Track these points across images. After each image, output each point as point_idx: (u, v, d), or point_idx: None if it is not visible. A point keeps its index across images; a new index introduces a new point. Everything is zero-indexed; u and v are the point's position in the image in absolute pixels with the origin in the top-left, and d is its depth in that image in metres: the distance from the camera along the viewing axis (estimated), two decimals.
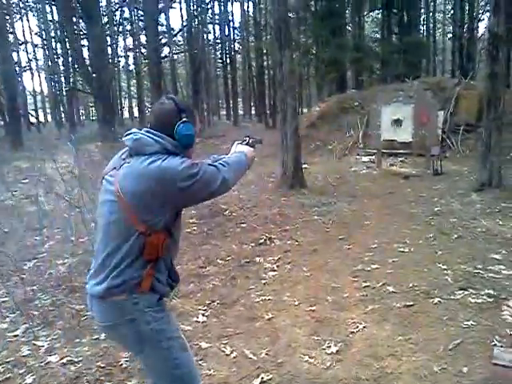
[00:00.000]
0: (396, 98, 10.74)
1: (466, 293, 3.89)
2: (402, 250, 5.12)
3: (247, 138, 2.25)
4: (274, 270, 4.76)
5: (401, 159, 11.81)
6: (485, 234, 5.44)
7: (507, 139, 8.55)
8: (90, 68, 20.71)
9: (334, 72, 17.48)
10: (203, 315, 3.81)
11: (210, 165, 1.89)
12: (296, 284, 4.37)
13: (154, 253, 1.79)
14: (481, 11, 26.47)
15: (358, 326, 3.47)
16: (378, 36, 27.53)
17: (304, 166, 11.49)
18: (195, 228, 6.33)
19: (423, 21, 30.96)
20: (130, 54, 36.74)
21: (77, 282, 4.41)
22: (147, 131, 1.86)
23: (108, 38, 30.61)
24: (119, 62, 37.83)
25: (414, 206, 7.03)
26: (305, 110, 24.11)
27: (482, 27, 31.91)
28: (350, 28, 24.57)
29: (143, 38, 28.13)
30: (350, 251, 5.23)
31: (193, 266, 4.87)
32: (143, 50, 30.67)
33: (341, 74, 20.19)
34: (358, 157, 12.56)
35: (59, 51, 32.32)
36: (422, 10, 28.87)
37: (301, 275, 4.58)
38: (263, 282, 4.48)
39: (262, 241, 5.69)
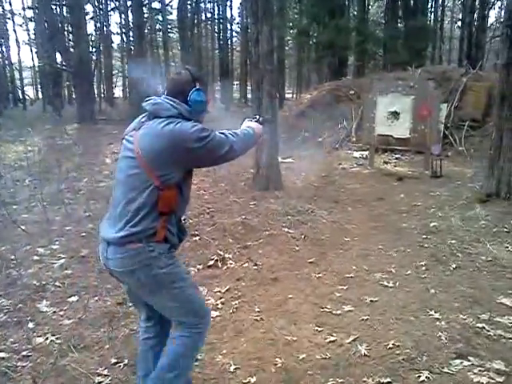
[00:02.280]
0: (394, 87, 9.62)
1: (466, 364, 2.85)
2: (384, 283, 4.08)
3: (257, 116, 2.49)
4: (217, 309, 3.71)
5: (396, 156, 10.79)
6: (491, 264, 4.40)
7: None
8: (68, 42, 19.51)
9: (330, 56, 16.26)
10: None
11: (220, 133, 2.13)
12: (238, 335, 3.32)
13: (167, 206, 2.05)
14: None
15: None
16: (382, 20, 26.28)
17: (288, 160, 10.49)
18: None
19: (431, 7, 29.73)
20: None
21: None
22: (165, 97, 2.13)
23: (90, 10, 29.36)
24: (111, 39, 36.32)
25: (406, 219, 5.99)
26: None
27: (492, 16, 30.74)
28: (355, 12, 23.40)
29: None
30: (319, 282, 4.18)
31: (109, 301, 3.82)
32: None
33: (340, 60, 19.01)
34: (349, 151, 11.54)
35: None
36: None
37: (248, 319, 3.53)
38: None
39: (212, 262, 4.63)
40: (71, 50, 18.84)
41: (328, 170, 9.51)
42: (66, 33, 22.01)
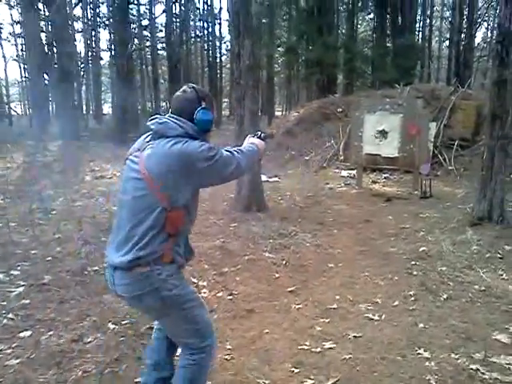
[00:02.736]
0: (382, 105, 9.41)
1: None
2: (370, 315, 3.76)
3: (259, 132, 2.55)
4: None
5: (385, 175, 10.57)
6: (484, 294, 4.11)
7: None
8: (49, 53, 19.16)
9: (318, 74, 16.11)
10: None
11: (226, 150, 2.16)
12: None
13: (174, 227, 2.03)
14: (480, 17, 25.39)
15: None
16: (371, 38, 26.34)
17: (273, 179, 10.22)
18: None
19: (419, 26, 29.95)
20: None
21: None
22: (170, 116, 2.11)
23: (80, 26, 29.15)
24: (100, 56, 36.03)
25: (394, 243, 5.69)
26: None
27: (479, 36, 31.07)
28: (344, 30, 23.41)
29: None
30: (299, 313, 3.85)
31: (64, 337, 3.45)
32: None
33: (328, 77, 18.91)
34: (337, 170, 11.29)
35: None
36: (419, 13, 27.77)
37: (218, 358, 3.18)
38: None
39: None
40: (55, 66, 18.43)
41: (314, 189, 9.23)
42: (50, 48, 21.65)
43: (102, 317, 3.74)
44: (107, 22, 30.00)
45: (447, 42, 32.58)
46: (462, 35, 24.01)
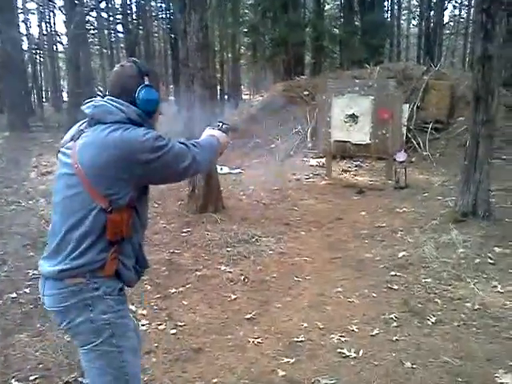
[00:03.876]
0: (351, 87, 8.72)
1: None
2: (344, 351, 3.09)
3: (220, 124, 2.12)
4: None
5: (356, 163, 9.97)
6: (479, 315, 3.48)
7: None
8: None
9: (283, 54, 15.31)
10: None
11: (179, 142, 1.78)
12: None
13: (117, 232, 1.69)
14: None
15: None
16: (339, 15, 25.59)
17: (236, 171, 9.49)
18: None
19: (388, 3, 29.39)
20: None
21: None
22: (109, 99, 1.76)
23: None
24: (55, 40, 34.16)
25: (370, 247, 5.05)
26: None
27: (446, 15, 30.75)
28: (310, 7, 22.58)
29: None
30: (257, 351, 3.15)
31: None
32: None
33: (295, 58, 18.12)
34: (305, 159, 10.61)
35: None
36: None
37: None
38: None
39: None
40: None
41: (280, 182, 8.51)
42: None
43: (3, 371, 2.96)
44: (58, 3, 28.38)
45: (416, 22, 32.17)
46: (432, 12, 23.60)
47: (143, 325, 3.50)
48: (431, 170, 8.99)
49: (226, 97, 27.69)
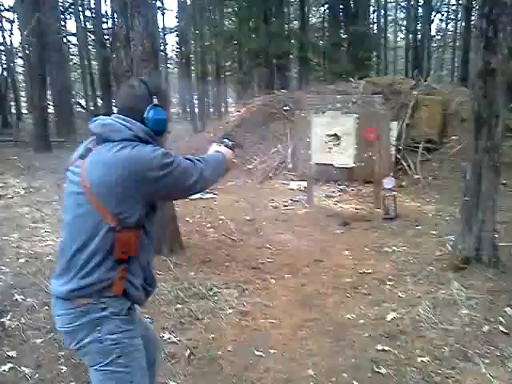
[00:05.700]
0: (333, 103, 7.93)
1: None
2: None
3: (226, 140, 2.17)
4: None
5: (341, 187, 9.13)
6: None
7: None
8: None
9: (261, 66, 14.53)
10: None
11: (186, 158, 1.82)
12: None
13: (125, 251, 1.72)
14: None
15: None
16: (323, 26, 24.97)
17: (208, 196, 8.62)
18: None
19: (374, 15, 28.95)
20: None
21: None
22: (116, 116, 1.79)
23: None
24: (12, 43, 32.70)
25: (352, 303, 4.18)
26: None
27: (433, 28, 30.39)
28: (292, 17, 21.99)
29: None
30: None
31: None
32: None
33: (276, 70, 17.38)
34: (285, 182, 9.80)
35: None
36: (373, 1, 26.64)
37: None
38: None
39: None
40: None
41: (255, 210, 7.65)
42: None
43: None
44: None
45: (402, 35, 31.84)
46: (419, 24, 23.13)
47: None
48: (423, 196, 8.19)
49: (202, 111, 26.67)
